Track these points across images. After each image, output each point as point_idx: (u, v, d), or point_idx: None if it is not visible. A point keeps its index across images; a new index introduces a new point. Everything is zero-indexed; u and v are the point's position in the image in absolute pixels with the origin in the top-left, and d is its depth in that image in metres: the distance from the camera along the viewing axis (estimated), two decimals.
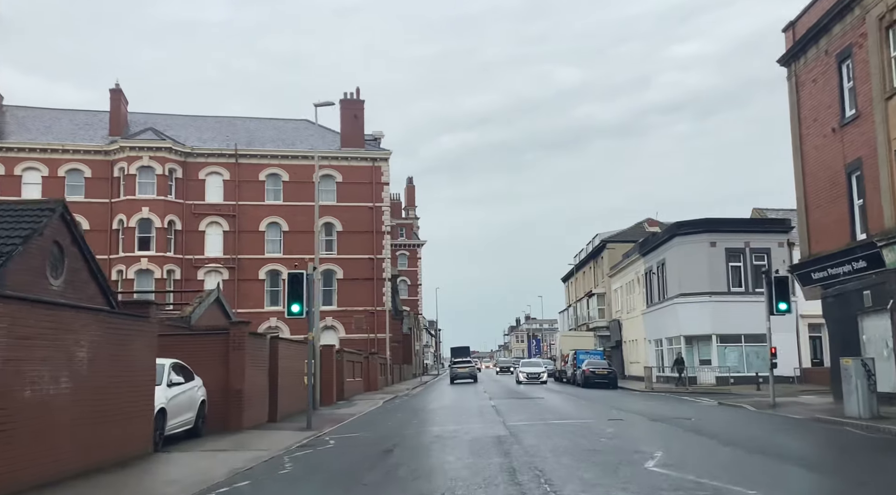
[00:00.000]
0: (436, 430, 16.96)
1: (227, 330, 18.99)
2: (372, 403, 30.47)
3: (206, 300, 23.05)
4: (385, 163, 56.89)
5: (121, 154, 51.57)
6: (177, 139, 53.92)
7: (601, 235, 69.24)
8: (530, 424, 17.42)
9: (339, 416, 23.35)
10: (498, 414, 21.38)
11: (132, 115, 56.77)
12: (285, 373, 22.71)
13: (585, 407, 23.41)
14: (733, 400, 26.32)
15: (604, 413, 20.77)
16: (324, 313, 54.23)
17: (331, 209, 55.37)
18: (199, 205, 53.15)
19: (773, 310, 23.67)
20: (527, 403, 26.46)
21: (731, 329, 38.67)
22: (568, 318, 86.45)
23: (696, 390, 35.39)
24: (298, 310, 19.28)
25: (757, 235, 39.54)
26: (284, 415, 22.20)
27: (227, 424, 18.40)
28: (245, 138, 56.42)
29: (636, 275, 51.18)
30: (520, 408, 23.59)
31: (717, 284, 38.97)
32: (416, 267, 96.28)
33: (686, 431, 15.57)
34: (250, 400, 19.19)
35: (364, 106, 57.87)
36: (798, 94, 24.88)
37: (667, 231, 41.62)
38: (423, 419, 20.86)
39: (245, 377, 18.71)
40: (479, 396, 33.63)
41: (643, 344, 49.69)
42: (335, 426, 20.11)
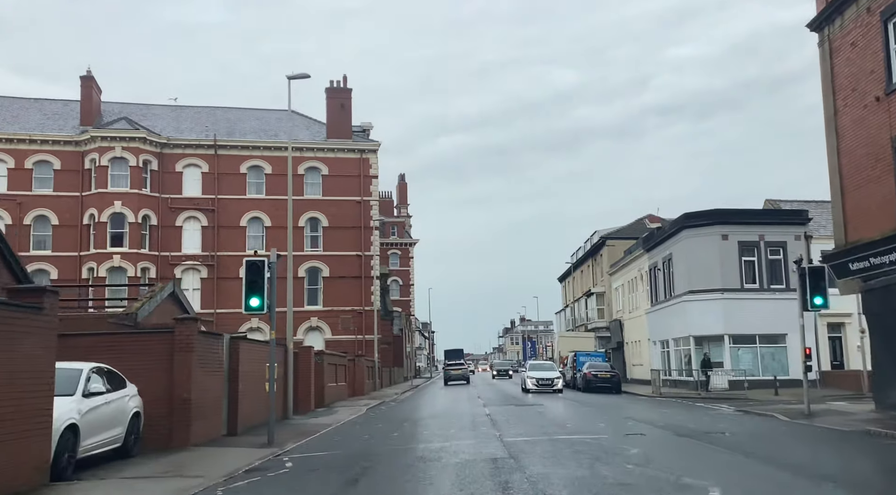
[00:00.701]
0: (419, 449, 14.00)
1: (172, 328, 15.99)
2: (354, 410, 27.49)
3: (159, 294, 20.06)
4: (374, 155, 53.94)
5: (92, 144, 48.51)
6: (153, 129, 50.89)
7: (600, 232, 66.36)
8: (532, 440, 14.45)
9: (311, 428, 20.38)
10: (493, 425, 18.42)
11: (106, 105, 53.71)
12: (250, 379, 19.74)
13: (593, 417, 20.46)
14: (757, 408, 23.40)
15: (617, 425, 17.83)
16: (309, 313, 51.44)
17: (316, 203, 52.42)
18: (176, 198, 50.11)
19: (808, 305, 20.72)
20: (525, 412, 23.49)
21: (744, 328, 35.79)
22: (564, 319, 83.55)
23: (709, 395, 32.48)
24: (258, 305, 16.34)
25: (772, 227, 36.66)
26: (248, 427, 19.22)
27: (170, 440, 15.43)
28: (225, 128, 53.43)
29: (639, 272, 48.29)
30: (518, 418, 20.62)
31: (729, 280, 36.08)
32: (409, 266, 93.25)
33: (731, 453, 12.56)
34: (201, 410, 16.20)
35: (351, 95, 54.90)
36: (832, 61, 22.01)
37: (674, 223, 38.73)
38: (407, 432, 17.90)
39: (193, 383, 15.73)
40: (472, 402, 30.68)
41: (647, 345, 46.78)
42: (303, 440, 17.15)
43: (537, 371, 39.60)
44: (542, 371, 39.57)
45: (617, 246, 59.69)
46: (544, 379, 37.78)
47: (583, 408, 24.33)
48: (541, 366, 42.63)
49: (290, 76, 25.05)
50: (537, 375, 38.35)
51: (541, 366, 42.63)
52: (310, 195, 52.51)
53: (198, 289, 50.34)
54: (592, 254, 67.16)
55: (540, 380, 37.64)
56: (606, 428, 16.75)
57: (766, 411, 22.01)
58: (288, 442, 16.62)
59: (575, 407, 25.75)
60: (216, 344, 17.67)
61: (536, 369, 40.42)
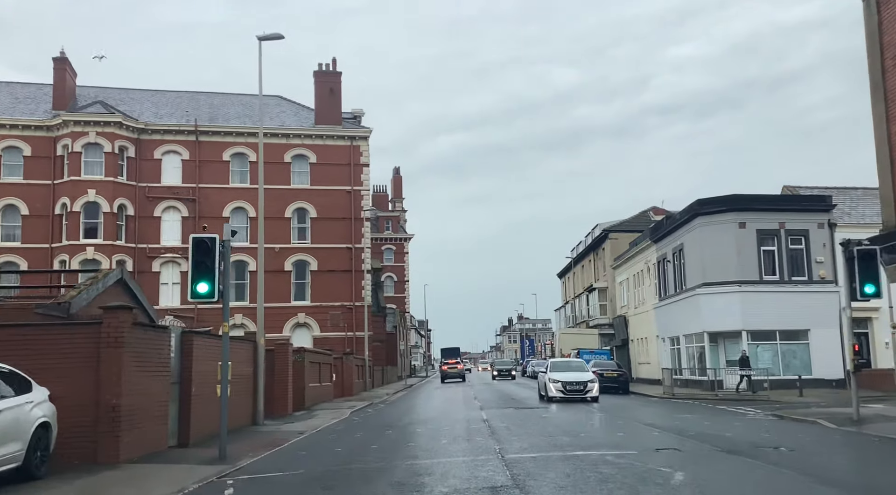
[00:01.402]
0: (398, 469, 11.18)
1: (100, 319, 13.13)
2: (336, 414, 24.64)
3: (102, 281, 17.11)
4: (365, 142, 51.05)
5: (64, 129, 45.59)
6: (130, 114, 47.98)
7: (602, 225, 63.55)
8: (541, 458, 11.58)
9: (280, 436, 17.53)
10: (492, 435, 15.55)
11: (82, 89, 50.78)
12: (208, 380, 16.88)
13: (607, 424, 17.61)
14: (790, 412, 20.56)
15: (640, 435, 14.98)
16: (296, 309, 48.60)
17: (304, 193, 49.56)
18: (155, 187, 47.21)
19: (858, 294, 17.89)
20: (527, 417, 20.64)
21: (764, 324, 32.95)
22: (564, 317, 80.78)
23: (727, 396, 29.66)
24: (207, 291, 13.48)
25: (793, 215, 33.82)
26: (206, 437, 16.34)
27: (97, 455, 12.62)
28: (208, 114, 50.51)
29: (646, 265, 45.45)
30: (520, 425, 17.77)
31: (747, 272, 33.25)
32: (404, 262, 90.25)
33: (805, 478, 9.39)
34: (137, 419, 13.36)
35: (341, 78, 51.98)
36: (880, 14, 19.18)
37: (686, 211, 35.87)
38: (388, 443, 15.05)
39: (125, 385, 12.88)
40: (468, 405, 27.84)
41: (654, 342, 43.96)
42: (263, 453, 14.31)
43: (563, 372, 29.28)
44: (571, 372, 29.31)
45: (620, 239, 56.90)
46: (574, 383, 27.94)
47: (592, 412, 21.49)
48: (567, 364, 31.31)
49: (260, 37, 22.19)
50: (564, 378, 28.37)
51: (567, 364, 31.31)
52: (297, 184, 49.66)
53: (178, 282, 47.45)
54: (594, 248, 64.34)
55: (568, 385, 27.83)
56: (629, 440, 13.90)
57: (803, 416, 19.17)
58: (244, 457, 13.80)
59: (584, 411, 22.91)
60: (160, 339, 14.80)
61: (561, 369, 29.88)
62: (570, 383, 28.02)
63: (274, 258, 48.57)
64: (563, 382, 28.04)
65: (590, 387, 27.99)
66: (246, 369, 20.46)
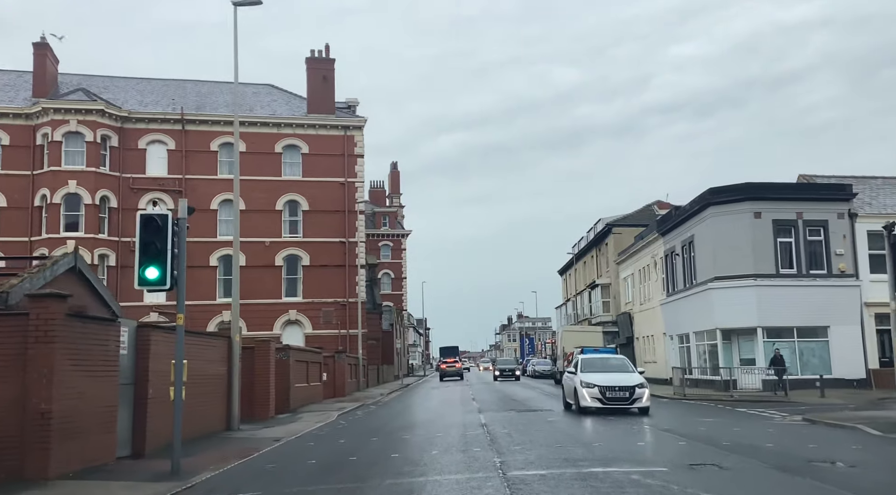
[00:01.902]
0: (378, 489, 9.18)
1: (27, 311, 11.13)
2: (322, 417, 22.66)
3: (50, 269, 15.13)
4: (359, 132, 49.02)
5: (44, 117, 43.55)
6: (114, 102, 45.92)
7: (605, 219, 61.54)
8: (552, 477, 9.53)
9: (252, 444, 15.55)
10: (492, 444, 13.54)
11: (64, 76, 48.74)
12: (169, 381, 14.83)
13: (623, 431, 15.56)
14: (821, 415, 18.54)
15: (665, 445, 12.94)
16: (287, 306, 46.61)
17: (295, 184, 47.54)
18: (139, 178, 45.18)
19: None
20: (531, 421, 18.61)
21: (781, 320, 30.93)
22: (565, 315, 78.78)
23: (743, 397, 27.67)
24: (157, 277, 11.51)
25: (811, 204, 31.79)
26: (166, 445, 14.30)
27: (24, 470, 10.62)
28: (195, 102, 48.49)
29: (653, 260, 43.44)
30: (523, 432, 15.75)
31: (762, 265, 31.23)
32: (401, 258, 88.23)
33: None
34: (74, 427, 11.37)
35: (335, 66, 49.93)
36: None
37: (697, 201, 33.82)
38: (372, 453, 13.06)
39: (58, 388, 10.89)
40: (465, 406, 25.88)
41: (661, 340, 41.98)
42: (228, 465, 12.35)
43: (600, 373, 21.67)
44: (610, 373, 21.73)
45: (624, 233, 54.92)
46: (617, 388, 20.58)
47: (607, 419, 19.45)
48: (604, 363, 23.33)
49: (235, 2, 20.12)
50: (603, 381, 20.92)
51: (604, 363, 23.33)
52: (288, 175, 47.66)
53: None
54: (597, 244, 62.31)
55: (609, 391, 20.49)
56: (653, 452, 11.92)
57: (838, 420, 17.15)
58: (202, 470, 11.83)
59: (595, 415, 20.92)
60: (106, 333, 12.78)
61: (597, 369, 22.17)
62: (612, 388, 20.50)
63: (264, 252, 46.62)
64: (602, 387, 20.50)
65: (638, 394, 20.49)
66: (218, 368, 18.45)
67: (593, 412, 20.42)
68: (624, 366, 23.00)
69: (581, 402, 20.88)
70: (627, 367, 22.85)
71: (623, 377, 21.37)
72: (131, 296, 44.64)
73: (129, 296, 44.58)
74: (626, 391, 20.61)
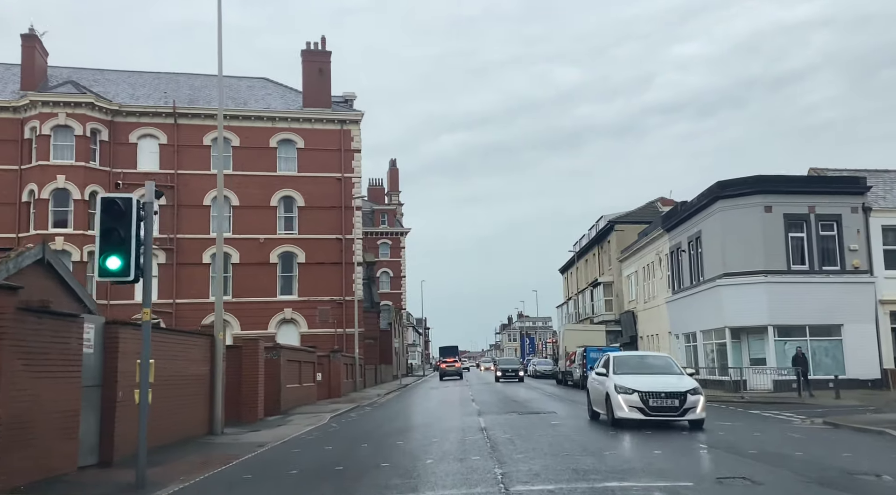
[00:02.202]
0: None
1: None
2: (314, 419, 21.49)
3: (13, 261, 13.93)
4: (356, 126, 47.84)
5: (32, 110, 42.38)
6: (105, 95, 44.74)
7: (607, 216, 60.35)
8: (562, 493, 8.36)
9: (234, 451, 14.38)
10: (492, 452, 12.36)
11: (54, 69, 47.59)
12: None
13: (635, 437, 14.40)
14: (842, 418, 17.35)
15: (685, 453, 11.70)
16: (282, 304, 45.45)
17: (291, 180, 46.37)
18: (130, 173, 43.97)
19: None
20: (534, 425, 17.42)
21: (792, 318, 29.77)
22: (566, 314, 77.62)
23: (755, 398, 26.50)
24: (120, 267, 10.35)
25: (824, 198, 30.63)
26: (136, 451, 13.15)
27: None
28: (187, 96, 47.31)
29: (658, 256, 42.27)
30: (526, 437, 14.56)
31: (774, 261, 30.06)
32: (400, 257, 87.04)
33: None
34: (26, 433, 10.21)
35: (331, 58, 48.80)
36: None
37: (705, 194, 32.63)
38: (359, 462, 11.90)
39: (5, 391, 9.71)
40: (464, 408, 24.72)
41: (667, 339, 40.82)
42: (201, 476, 11.19)
43: (640, 375, 16.94)
44: (652, 375, 17.00)
45: (627, 230, 53.79)
46: (663, 395, 15.92)
47: None
48: (642, 361, 18.79)
49: None
50: (646, 386, 16.16)
51: (642, 361, 18.79)
52: (283, 171, 46.49)
53: (155, 276, 44.21)
54: (599, 241, 61.15)
55: (653, 398, 15.85)
56: (672, 462, 10.70)
57: (862, 424, 15.98)
58: (172, 482, 10.69)
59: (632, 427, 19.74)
60: (68, 330, 11.59)
61: (635, 369, 17.49)
62: (656, 395, 15.75)
63: (258, 249, 45.46)
64: (644, 393, 15.78)
65: (691, 403, 15.68)
66: (200, 368, 17.28)
67: (633, 425, 15.69)
68: (669, 366, 18.06)
69: (616, 412, 16.01)
70: (673, 368, 17.93)
71: (669, 380, 16.48)
72: (121, 294, 43.49)
73: (120, 294, 43.42)
74: (676, 398, 15.71)
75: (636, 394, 15.92)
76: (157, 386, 14.48)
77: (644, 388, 16.00)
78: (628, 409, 15.89)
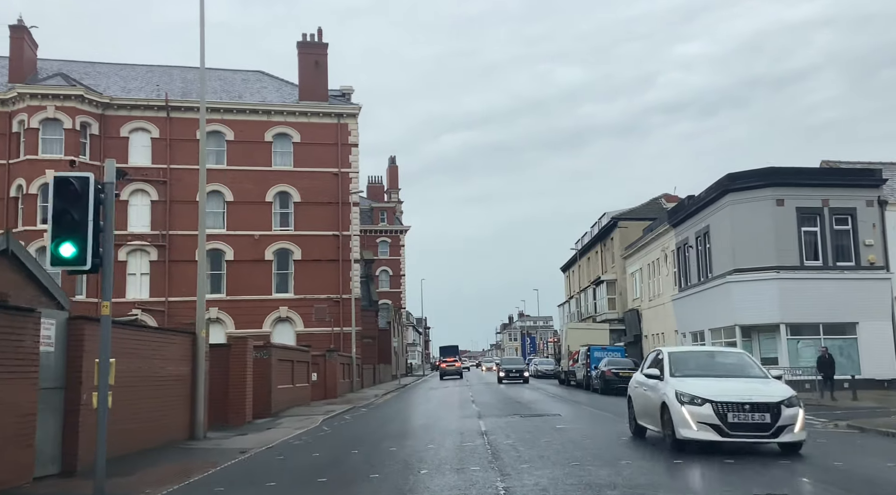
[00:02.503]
0: None
1: None
2: (305, 422, 20.36)
3: None
4: (353, 120, 46.72)
5: (20, 103, 41.30)
6: (95, 88, 43.62)
7: (610, 213, 59.19)
8: None
9: (213, 457, 13.24)
10: (493, 459, 11.22)
11: (44, 62, 46.49)
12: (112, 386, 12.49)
13: (651, 443, 13.25)
14: (865, 422, 16.21)
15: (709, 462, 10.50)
16: (277, 302, 44.35)
17: (286, 175, 45.26)
18: (121, 168, 42.65)
19: None
20: (539, 429, 16.25)
21: (805, 316, 28.63)
22: (568, 313, 76.45)
23: None
24: (74, 254, 9.20)
25: (838, 190, 29.49)
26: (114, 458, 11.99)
27: None
28: (181, 89, 46.20)
29: (663, 253, 41.12)
30: (531, 443, 13.42)
31: (786, 256, 28.92)
32: (399, 255, 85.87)
33: None
34: None
35: (328, 51, 47.63)
36: None
37: (714, 188, 31.48)
38: (344, 474, 10.76)
39: None
40: (464, 410, 23.59)
41: (673, 338, 39.66)
42: (170, 488, 10.09)
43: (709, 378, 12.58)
44: (729, 379, 12.65)
45: (630, 227, 52.66)
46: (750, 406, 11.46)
47: (619, 422, 17.10)
48: (713, 362, 13.80)
49: None
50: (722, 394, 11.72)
51: (713, 362, 13.80)
52: (279, 165, 45.38)
53: (146, 273, 43.25)
54: (602, 239, 60.01)
55: (734, 412, 11.45)
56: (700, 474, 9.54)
57: (888, 428, 14.81)
58: (136, 494, 9.51)
59: (607, 419, 18.61)
60: (22, 326, 10.42)
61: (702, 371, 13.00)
62: (738, 407, 11.46)
63: (253, 246, 44.34)
64: (720, 404, 11.49)
65: (787, 418, 11.41)
66: (180, 368, 16.12)
67: (702, 447, 11.55)
68: (746, 365, 13.35)
69: (679, 430, 11.57)
70: (752, 368, 13.24)
71: (754, 386, 12.09)
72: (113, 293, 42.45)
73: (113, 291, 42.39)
74: (767, 412, 11.28)
75: (708, 406, 11.39)
76: (129, 388, 13.38)
77: (720, 398, 11.42)
78: (697, 427, 11.37)
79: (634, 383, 14.74)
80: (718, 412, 11.36)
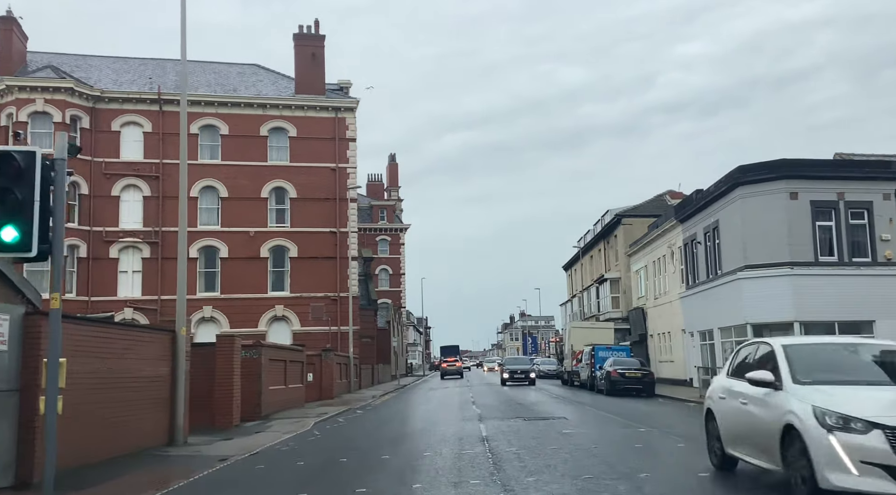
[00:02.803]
0: None
1: None
2: (296, 426, 19.23)
3: None
4: (351, 113, 45.59)
5: (8, 96, 40.19)
6: (87, 81, 42.50)
7: (614, 210, 57.96)
8: None
9: (190, 465, 12.13)
10: (494, 471, 10.09)
11: (34, 55, 45.36)
12: (76, 386, 11.37)
13: (667, 449, 12.10)
14: None
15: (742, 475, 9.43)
16: (273, 301, 43.21)
17: (282, 170, 44.13)
18: (113, 162, 41.81)
19: None
20: (545, 434, 15.10)
21: (820, 314, 27.33)
22: (570, 312, 75.27)
23: None
24: (16, 239, 8.09)
25: (854, 184, 28.25)
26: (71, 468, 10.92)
27: None
28: (174, 82, 45.03)
29: (669, 249, 39.94)
30: (536, 451, 12.28)
31: (799, 251, 27.70)
32: (399, 254, 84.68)
33: None
34: None
35: (325, 43, 46.50)
36: None
37: (724, 181, 30.28)
38: (328, 488, 9.63)
39: None
40: (464, 412, 22.47)
41: (680, 337, 38.49)
42: None
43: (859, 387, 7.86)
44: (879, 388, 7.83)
45: (635, 224, 51.41)
46: None
47: (629, 426, 15.99)
48: (858, 358, 8.96)
49: None
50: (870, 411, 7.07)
51: (858, 358, 8.96)
52: (275, 160, 44.26)
53: (138, 271, 42.12)
54: (605, 236, 58.78)
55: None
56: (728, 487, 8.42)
57: None
58: None
59: (621, 425, 17.42)
60: None
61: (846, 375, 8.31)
62: None
63: (248, 243, 43.23)
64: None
65: None
66: (158, 369, 14.98)
67: None
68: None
69: (826, 474, 7.05)
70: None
71: None
72: (104, 291, 41.44)
73: (102, 290, 41.38)
74: None
75: (879, 434, 6.94)
76: (96, 390, 12.27)
77: (870, 417, 7.08)
78: (858, 470, 6.90)
79: (719, 391, 9.98)
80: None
